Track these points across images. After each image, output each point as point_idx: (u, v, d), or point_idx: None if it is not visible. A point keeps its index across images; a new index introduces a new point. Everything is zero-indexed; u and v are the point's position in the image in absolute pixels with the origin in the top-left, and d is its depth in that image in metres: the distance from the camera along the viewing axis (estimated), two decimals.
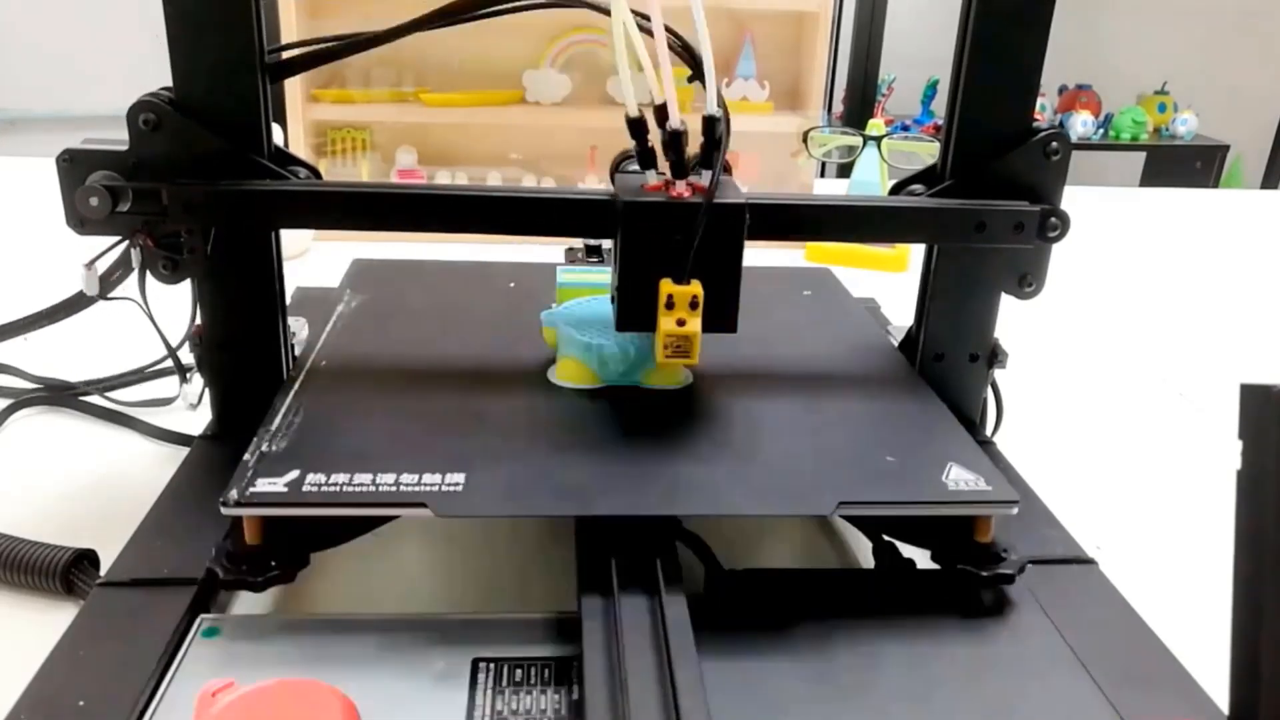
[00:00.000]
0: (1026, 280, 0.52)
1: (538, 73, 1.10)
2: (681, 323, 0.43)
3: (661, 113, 0.43)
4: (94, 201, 0.44)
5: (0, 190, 1.16)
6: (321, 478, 0.39)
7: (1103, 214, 1.28)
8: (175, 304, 0.50)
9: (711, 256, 0.44)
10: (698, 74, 0.43)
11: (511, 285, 0.63)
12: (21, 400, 0.61)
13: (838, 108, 2.53)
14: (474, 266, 0.67)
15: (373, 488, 0.38)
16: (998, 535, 0.42)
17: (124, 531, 0.43)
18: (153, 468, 0.56)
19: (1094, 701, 0.36)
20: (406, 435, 0.43)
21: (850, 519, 0.48)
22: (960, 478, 0.42)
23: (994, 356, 0.55)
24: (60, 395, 0.63)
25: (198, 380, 0.53)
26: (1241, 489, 0.31)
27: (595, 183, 1.09)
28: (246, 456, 0.40)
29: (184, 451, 0.52)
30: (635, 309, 0.44)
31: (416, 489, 0.38)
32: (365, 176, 1.07)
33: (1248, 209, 1.38)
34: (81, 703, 0.34)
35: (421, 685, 0.35)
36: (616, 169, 0.50)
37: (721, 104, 0.43)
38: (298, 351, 0.54)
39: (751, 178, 1.14)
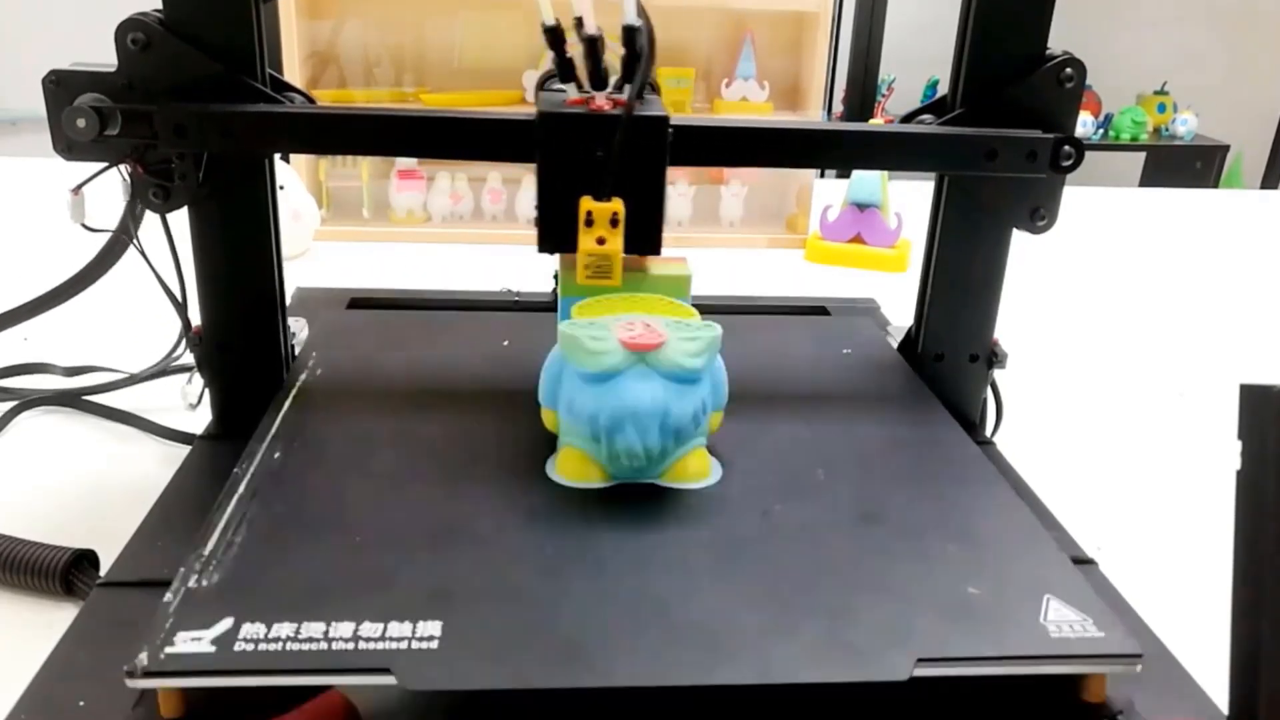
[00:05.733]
0: (1039, 213, 0.50)
1: (537, 73, 1.10)
2: (602, 241, 0.41)
3: (579, 22, 0.41)
4: (81, 123, 0.42)
5: (0, 190, 1.16)
6: (260, 630, 0.31)
7: (1103, 214, 1.28)
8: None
9: (634, 173, 0.42)
10: None
11: (505, 344, 0.56)
12: (26, 401, 0.61)
13: (837, 108, 2.52)
14: (462, 320, 0.60)
15: (324, 644, 0.31)
16: (1112, 693, 0.34)
17: (124, 531, 0.43)
18: (153, 468, 0.55)
19: None
20: (371, 559, 0.35)
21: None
22: (1063, 618, 0.34)
23: (994, 357, 0.55)
24: (62, 395, 0.63)
25: (198, 380, 0.53)
26: (1241, 489, 0.31)
27: None
28: (168, 596, 0.32)
29: (185, 451, 0.52)
30: (556, 227, 0.42)
31: (379, 647, 0.31)
32: (365, 176, 1.07)
33: (1248, 209, 1.38)
34: (81, 703, 0.34)
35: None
36: (541, 87, 0.48)
37: (642, 13, 0.41)
38: (297, 351, 0.54)
39: (751, 177, 1.14)
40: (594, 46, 0.41)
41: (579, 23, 0.41)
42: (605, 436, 0.40)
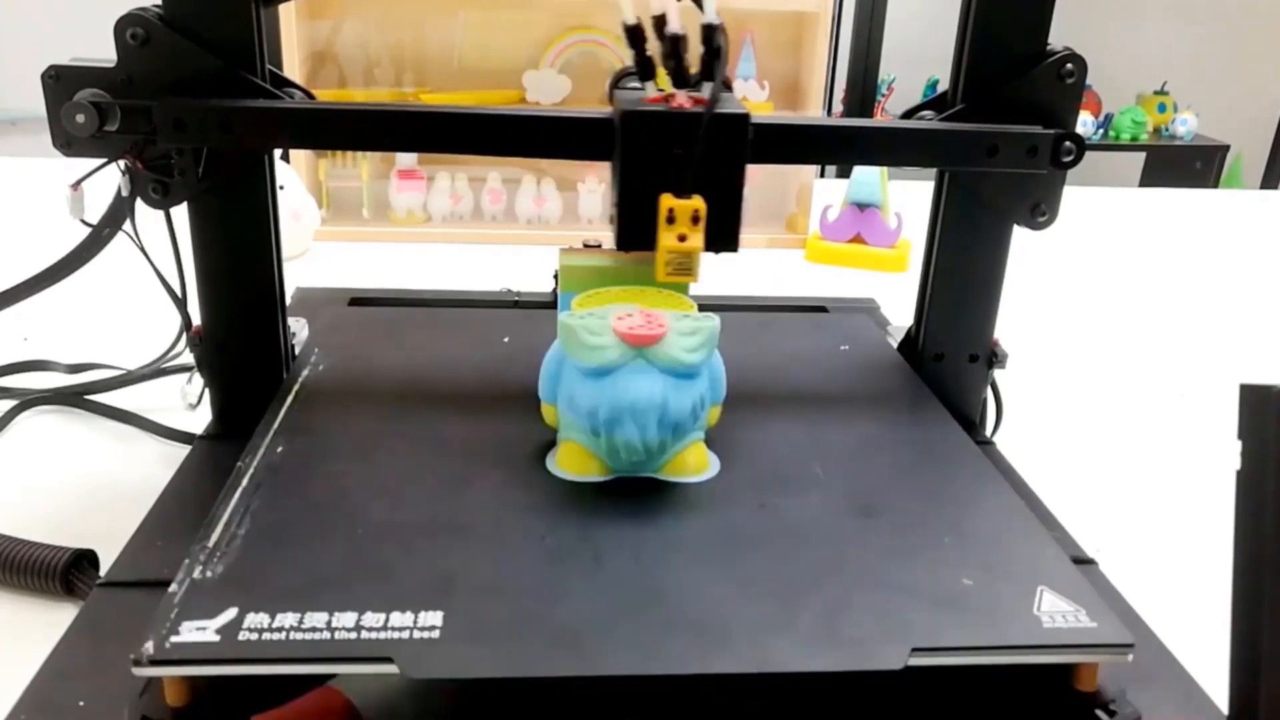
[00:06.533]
0: (1040, 209, 0.51)
1: (538, 73, 1.10)
2: (683, 238, 0.41)
3: (660, 21, 0.41)
4: (80, 118, 0.43)
5: (0, 190, 1.16)
6: (264, 619, 0.31)
7: (1103, 214, 1.28)
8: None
9: (713, 171, 0.42)
10: None
11: (506, 340, 0.56)
12: (27, 401, 0.61)
13: (837, 108, 2.52)
14: (462, 316, 0.61)
15: (327, 634, 0.31)
16: (1104, 681, 0.34)
17: (124, 531, 0.43)
18: (153, 468, 0.55)
19: None
20: (373, 551, 0.36)
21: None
22: (1056, 609, 0.34)
23: (994, 357, 0.55)
24: (62, 394, 0.63)
25: (198, 380, 0.53)
26: (1241, 489, 0.31)
27: (596, 184, 1.09)
28: (174, 586, 0.33)
29: (185, 451, 0.52)
30: (636, 225, 0.42)
31: (381, 637, 0.31)
32: (365, 176, 1.07)
33: (1248, 209, 1.38)
34: (81, 703, 0.34)
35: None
36: (615, 85, 0.47)
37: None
38: (298, 351, 0.54)
39: (751, 176, 1.13)
40: (677, 45, 0.41)
41: (661, 21, 0.41)
42: (604, 431, 0.40)
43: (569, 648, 0.31)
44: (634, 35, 0.42)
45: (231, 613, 0.32)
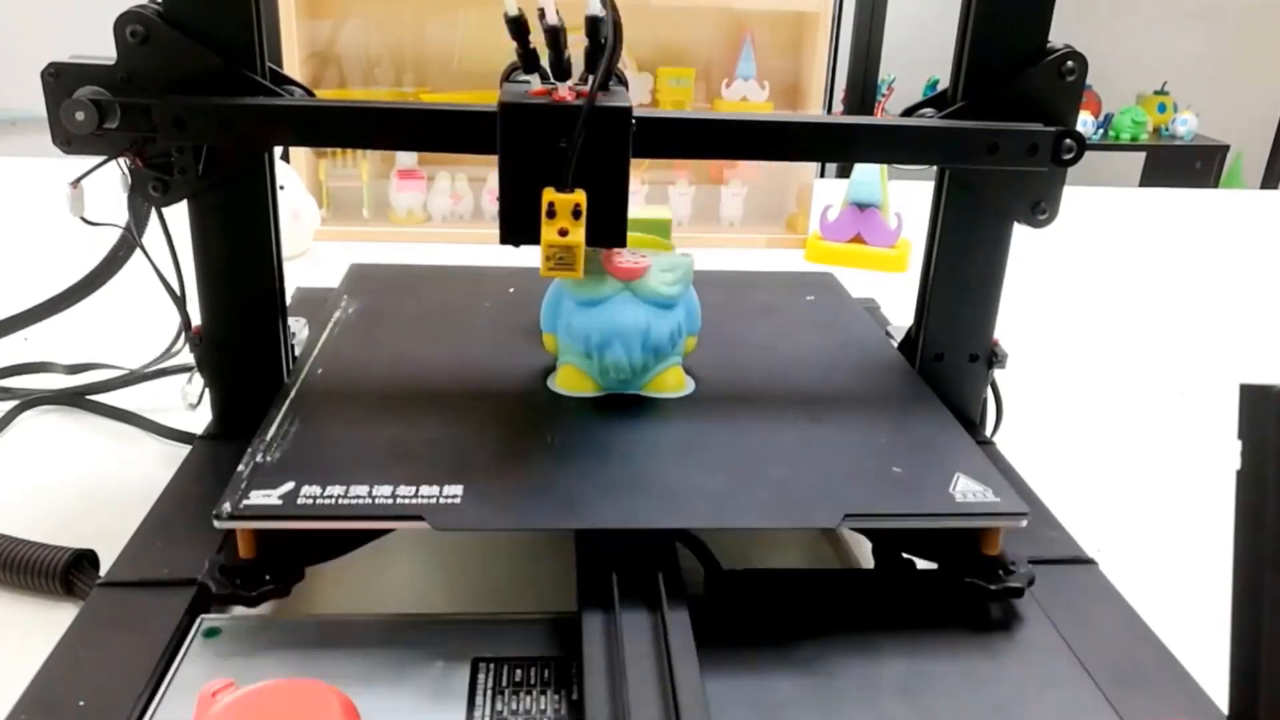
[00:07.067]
0: (1040, 207, 0.51)
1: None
2: (564, 233, 0.41)
3: (542, 13, 0.41)
4: (80, 116, 0.43)
5: (0, 190, 1.16)
6: (317, 490, 0.38)
7: (1103, 214, 1.28)
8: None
9: (596, 164, 0.42)
10: None
11: (511, 291, 0.62)
12: (27, 401, 0.61)
13: (837, 108, 2.52)
14: (473, 272, 0.66)
15: (369, 500, 0.38)
16: (1005, 546, 0.41)
17: (124, 531, 0.43)
18: (153, 468, 0.56)
19: (1097, 705, 0.35)
20: (404, 445, 0.42)
21: (858, 530, 0.46)
22: (968, 489, 0.41)
23: (994, 357, 0.55)
24: (62, 394, 0.63)
25: (198, 380, 0.53)
26: (1241, 489, 0.31)
27: None
28: (240, 467, 0.39)
29: (185, 451, 0.52)
30: (517, 219, 0.42)
31: (413, 501, 0.38)
32: (365, 176, 1.07)
33: (1248, 209, 1.38)
34: (81, 703, 0.34)
35: (421, 685, 0.35)
36: (505, 79, 0.47)
37: (609, 4, 0.41)
38: (298, 351, 0.54)
39: (751, 176, 1.14)
40: (556, 37, 0.41)
41: (541, 14, 0.41)
42: (596, 352, 0.47)
43: (565, 508, 0.38)
44: (516, 27, 0.42)
45: (290, 485, 0.38)
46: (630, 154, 0.42)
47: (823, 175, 1.74)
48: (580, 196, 0.41)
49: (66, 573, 0.43)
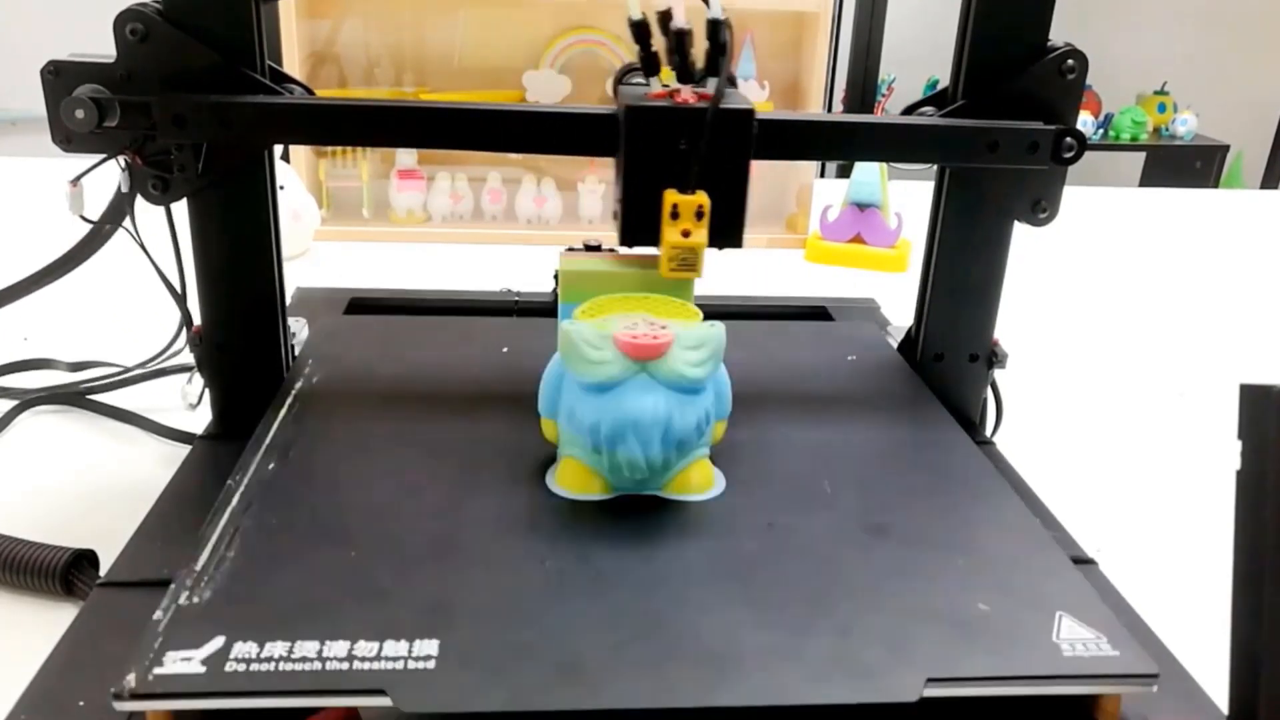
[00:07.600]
0: (1040, 206, 0.51)
1: (538, 73, 1.10)
2: (687, 234, 0.41)
3: (665, 16, 0.42)
4: (80, 114, 0.42)
5: (0, 190, 1.16)
6: (253, 649, 0.30)
7: (1103, 214, 1.28)
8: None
9: (718, 167, 0.42)
10: None
11: (505, 350, 0.55)
12: (27, 401, 0.61)
13: (837, 107, 2.52)
14: (460, 325, 0.59)
15: (318, 664, 0.30)
16: (1128, 710, 0.33)
17: (124, 531, 0.43)
18: (153, 468, 0.55)
19: None
20: (366, 574, 0.35)
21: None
22: (1076, 636, 0.33)
23: (994, 357, 0.55)
24: (62, 394, 0.63)
25: (198, 380, 0.53)
26: (1241, 489, 0.31)
27: (595, 184, 1.09)
28: (158, 614, 0.32)
29: (185, 451, 0.52)
30: (640, 221, 0.42)
31: (374, 668, 0.30)
32: (365, 176, 1.07)
33: (1248, 209, 1.38)
34: (81, 703, 0.34)
35: None
36: (620, 81, 0.48)
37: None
38: (297, 351, 0.54)
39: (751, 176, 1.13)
40: (683, 40, 0.42)
41: (666, 16, 0.42)
42: (606, 447, 0.38)
43: (571, 679, 0.30)
44: (639, 31, 0.42)
45: (218, 642, 0.30)
46: (751, 155, 0.43)
47: (823, 175, 1.74)
48: (704, 198, 0.41)
49: (66, 573, 0.43)
